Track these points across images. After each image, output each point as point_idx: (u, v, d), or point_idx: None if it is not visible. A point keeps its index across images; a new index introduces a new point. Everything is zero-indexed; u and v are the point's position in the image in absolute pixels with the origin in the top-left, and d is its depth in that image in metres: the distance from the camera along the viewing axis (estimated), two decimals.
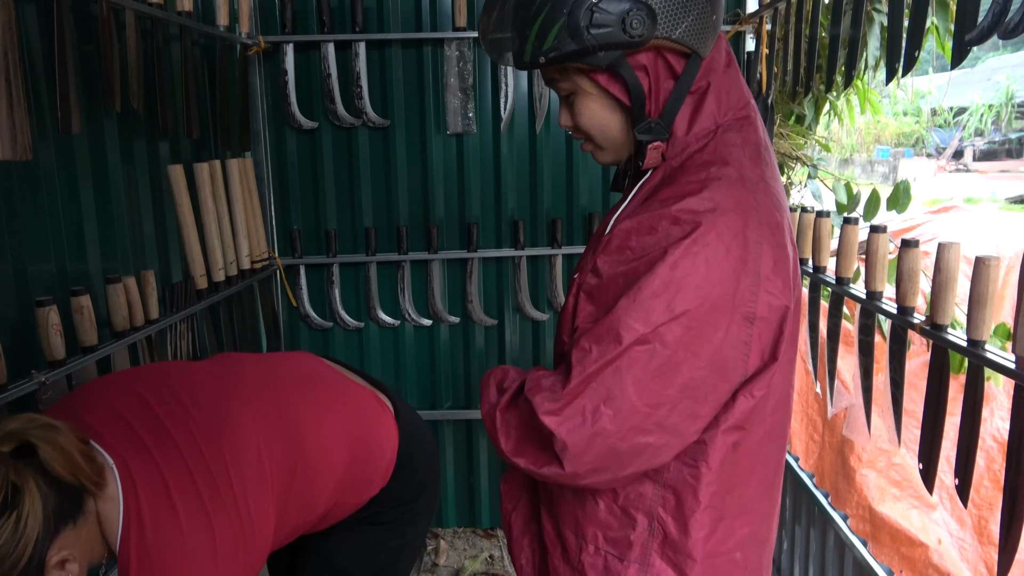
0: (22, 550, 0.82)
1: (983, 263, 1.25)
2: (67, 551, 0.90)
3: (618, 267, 0.90)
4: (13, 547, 0.81)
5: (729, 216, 0.86)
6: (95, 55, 1.69)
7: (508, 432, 0.95)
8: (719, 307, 0.86)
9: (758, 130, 0.97)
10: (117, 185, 1.82)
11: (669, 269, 0.85)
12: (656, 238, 0.88)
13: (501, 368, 1.05)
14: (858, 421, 1.78)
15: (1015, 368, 1.19)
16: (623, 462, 0.89)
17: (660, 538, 0.95)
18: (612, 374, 0.85)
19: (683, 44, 0.89)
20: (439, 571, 2.75)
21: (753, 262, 0.88)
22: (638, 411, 0.86)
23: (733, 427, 0.93)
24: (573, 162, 2.70)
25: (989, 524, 2.21)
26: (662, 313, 0.84)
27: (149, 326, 1.80)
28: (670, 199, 0.90)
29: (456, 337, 2.85)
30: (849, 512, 2.35)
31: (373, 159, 2.69)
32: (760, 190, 0.91)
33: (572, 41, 0.88)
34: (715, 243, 0.85)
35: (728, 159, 0.91)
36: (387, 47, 2.60)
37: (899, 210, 2.18)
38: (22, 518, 0.82)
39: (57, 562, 0.88)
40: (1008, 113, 19.35)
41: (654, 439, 0.88)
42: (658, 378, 0.85)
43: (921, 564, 2.17)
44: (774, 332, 0.91)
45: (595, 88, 0.95)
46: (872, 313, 1.68)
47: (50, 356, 1.45)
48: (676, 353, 0.85)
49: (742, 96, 0.97)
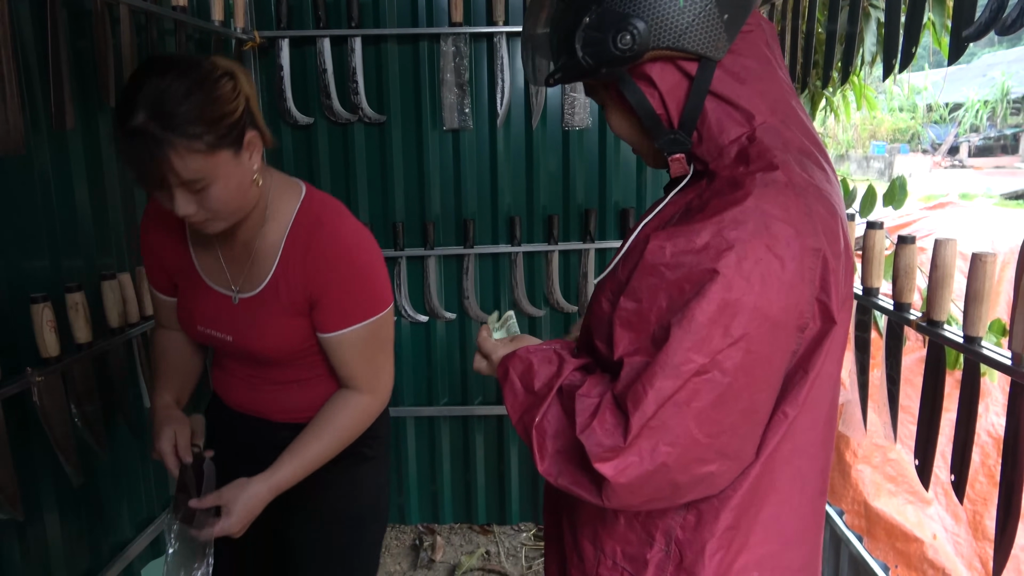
0: (236, 105, 1.08)
1: (980, 259, 1.25)
2: (256, 145, 1.14)
3: (657, 287, 0.84)
4: (233, 98, 1.08)
5: (779, 226, 0.80)
6: (89, 50, 1.68)
7: (544, 450, 0.89)
8: (779, 325, 0.81)
9: (799, 132, 0.90)
10: (111, 181, 1.81)
11: (723, 291, 0.78)
12: (699, 255, 0.81)
13: (518, 357, 0.98)
14: (854, 417, 1.78)
15: (1011, 364, 1.19)
16: (681, 492, 0.85)
17: (676, 561, 0.92)
18: (672, 411, 0.79)
19: (687, 51, 0.86)
20: (436, 567, 2.75)
21: (810, 271, 0.81)
22: (699, 443, 0.81)
23: (766, 447, 0.88)
24: (570, 158, 2.70)
25: (984, 519, 2.22)
26: (720, 340, 0.78)
27: (144, 323, 1.79)
28: (711, 210, 0.84)
29: (452, 333, 2.84)
30: (845, 508, 2.36)
31: (369, 155, 2.68)
32: (811, 195, 0.84)
33: (571, 62, 0.89)
34: (767, 257, 0.79)
35: (773, 163, 0.84)
36: (383, 42, 2.59)
37: (895, 206, 2.18)
38: (239, 87, 1.10)
39: (249, 140, 1.12)
40: (1003, 109, 19.39)
41: (715, 467, 0.83)
42: (719, 407, 0.80)
43: (916, 559, 2.18)
44: (810, 345, 0.86)
45: (612, 100, 0.95)
46: (868, 309, 1.68)
47: (44, 353, 1.44)
48: (737, 380, 0.80)
49: (781, 94, 0.91)
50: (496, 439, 2.93)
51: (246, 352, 1.29)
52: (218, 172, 1.07)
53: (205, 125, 1.03)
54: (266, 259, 1.24)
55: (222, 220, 1.15)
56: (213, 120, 1.04)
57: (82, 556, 1.75)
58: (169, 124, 1.00)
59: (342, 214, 1.27)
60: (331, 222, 1.24)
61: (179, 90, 1.01)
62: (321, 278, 1.22)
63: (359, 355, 1.28)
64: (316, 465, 1.27)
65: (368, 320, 1.26)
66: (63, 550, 1.66)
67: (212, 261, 1.29)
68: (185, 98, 1.01)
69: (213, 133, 1.04)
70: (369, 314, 1.26)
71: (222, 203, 1.11)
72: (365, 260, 1.25)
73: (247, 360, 1.33)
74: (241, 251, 1.26)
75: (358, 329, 1.25)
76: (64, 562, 1.67)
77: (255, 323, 1.26)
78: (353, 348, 1.27)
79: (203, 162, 1.04)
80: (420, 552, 2.84)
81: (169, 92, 1.01)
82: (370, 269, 1.26)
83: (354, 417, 1.30)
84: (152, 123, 0.99)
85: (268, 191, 1.23)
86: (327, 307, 1.24)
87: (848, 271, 0.89)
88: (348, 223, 1.26)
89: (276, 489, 1.23)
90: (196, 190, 1.07)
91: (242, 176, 1.12)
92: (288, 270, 1.23)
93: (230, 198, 1.11)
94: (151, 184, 1.05)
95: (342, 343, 1.26)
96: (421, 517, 3.01)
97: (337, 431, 1.28)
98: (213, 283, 1.29)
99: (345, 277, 1.22)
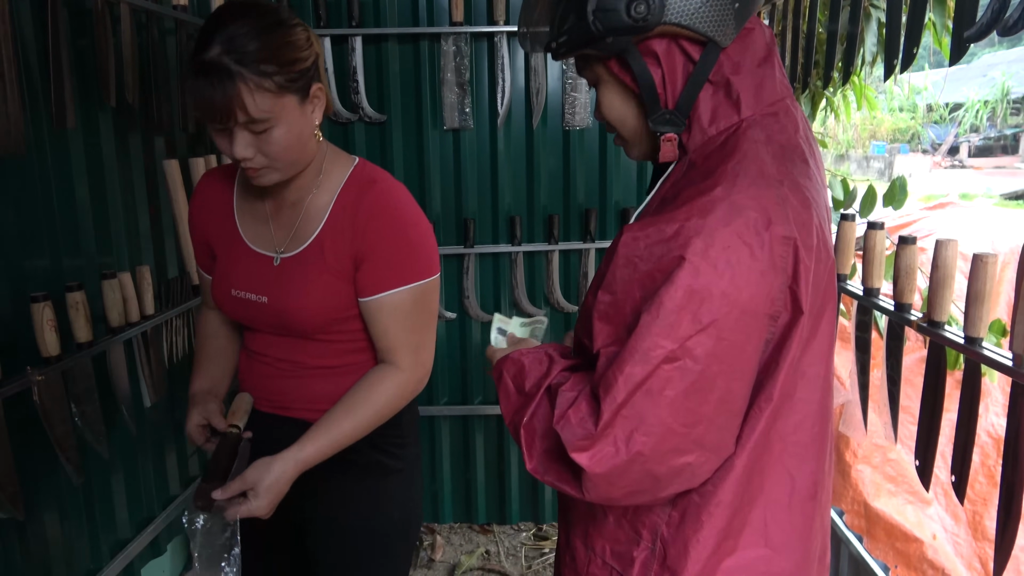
0: (307, 55, 1.13)
1: (981, 260, 1.25)
2: (320, 100, 1.17)
3: (631, 279, 0.84)
4: (306, 47, 1.12)
5: (748, 213, 0.80)
6: (90, 49, 1.68)
7: (532, 449, 0.89)
8: (749, 312, 0.81)
9: (787, 128, 0.91)
10: (112, 180, 1.81)
11: (690, 277, 0.78)
12: (669, 244, 0.81)
13: (511, 359, 0.98)
14: (854, 417, 1.78)
15: (1012, 365, 1.19)
16: (662, 484, 0.84)
17: (660, 559, 0.91)
18: (643, 398, 0.79)
19: (696, 31, 0.85)
20: (435, 566, 2.76)
21: (781, 259, 0.82)
22: (675, 433, 0.80)
23: (745, 443, 0.88)
24: (570, 158, 2.69)
25: (983, 519, 2.22)
26: (689, 326, 0.78)
27: (145, 322, 1.79)
28: (682, 200, 0.84)
29: (453, 333, 2.84)
30: (845, 508, 2.36)
31: (369, 154, 2.68)
32: (785, 186, 0.84)
33: (579, 27, 0.87)
34: (736, 244, 0.79)
35: (748, 154, 0.85)
36: (384, 42, 2.59)
37: (895, 206, 2.18)
38: (311, 38, 1.15)
39: (314, 93, 1.15)
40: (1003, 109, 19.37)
41: (693, 458, 0.83)
42: (692, 395, 0.80)
43: (916, 559, 2.18)
44: (782, 334, 0.86)
45: (610, 76, 0.92)
46: (869, 310, 1.68)
47: (45, 352, 1.44)
48: (709, 367, 0.79)
49: (775, 92, 0.91)
50: (496, 439, 2.93)
51: (279, 317, 1.24)
52: (283, 115, 1.10)
53: (276, 65, 1.07)
54: (313, 219, 1.23)
55: (277, 171, 1.16)
56: (284, 62, 1.08)
57: (82, 555, 1.75)
58: (242, 59, 1.04)
59: (396, 182, 1.28)
60: (384, 182, 1.25)
61: (255, 29, 1.06)
62: (369, 235, 1.20)
63: (401, 323, 1.24)
64: (347, 442, 1.22)
65: (413, 284, 1.23)
66: (63, 549, 1.66)
67: (257, 225, 1.28)
68: (259, 37, 1.06)
69: (283, 75, 1.08)
70: (414, 278, 1.23)
71: (281, 149, 1.12)
72: (415, 222, 1.24)
73: (278, 333, 1.28)
74: (289, 212, 1.25)
75: (402, 292, 1.22)
76: (64, 561, 1.67)
77: (293, 282, 1.23)
78: (395, 314, 1.23)
79: (270, 102, 1.07)
80: (420, 551, 2.84)
81: (245, 30, 1.05)
82: (420, 232, 1.25)
83: (390, 393, 1.25)
84: (226, 56, 1.03)
85: (323, 156, 1.25)
86: (372, 266, 1.21)
87: (824, 267, 0.89)
88: (402, 189, 1.27)
89: (304, 465, 1.18)
90: (258, 131, 1.09)
91: (304, 126, 1.15)
92: (336, 228, 1.22)
93: (290, 145, 1.13)
94: (218, 119, 1.07)
95: (384, 307, 1.22)
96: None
97: (371, 407, 1.23)
98: (256, 246, 1.27)
99: (393, 235, 1.21)
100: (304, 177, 1.24)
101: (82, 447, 1.58)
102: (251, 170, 1.15)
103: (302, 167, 1.21)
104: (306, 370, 1.29)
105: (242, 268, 1.27)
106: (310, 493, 1.28)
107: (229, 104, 1.05)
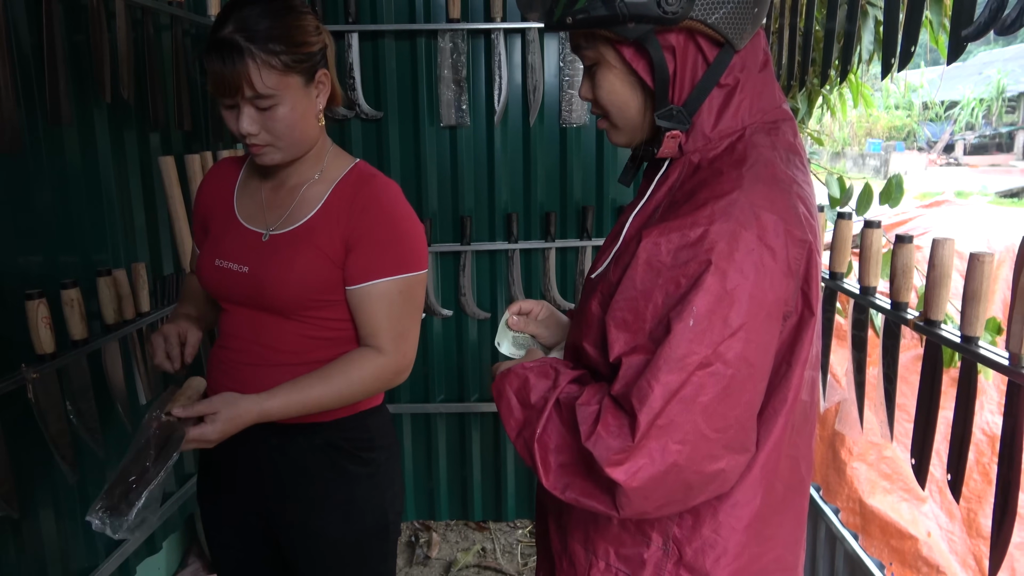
0: (315, 40, 1.21)
1: (978, 260, 1.25)
2: (325, 86, 1.24)
3: (653, 284, 0.83)
4: (313, 32, 1.21)
5: (767, 216, 0.81)
6: (85, 45, 1.67)
7: (547, 465, 0.87)
8: (772, 314, 0.82)
9: (787, 132, 0.92)
10: (107, 177, 1.80)
11: (719, 281, 0.79)
12: (695, 248, 0.81)
13: (515, 373, 0.95)
14: (850, 415, 1.79)
15: (1008, 364, 1.19)
16: (693, 493, 0.83)
17: (675, 558, 0.90)
18: (679, 407, 0.78)
19: (718, 31, 0.84)
20: (431, 564, 2.76)
21: (796, 262, 0.83)
22: (708, 439, 0.80)
23: (763, 445, 0.88)
24: (567, 155, 2.69)
25: (978, 517, 2.22)
26: (720, 330, 0.79)
27: (140, 319, 1.78)
28: (699, 201, 0.84)
29: (449, 330, 2.84)
30: (840, 505, 2.37)
31: (366, 151, 2.67)
32: (794, 192, 0.86)
33: (603, 6, 0.83)
34: (759, 248, 0.80)
35: (760, 159, 0.86)
36: (380, 38, 2.59)
37: (892, 204, 2.17)
38: (320, 28, 1.24)
39: (319, 79, 1.23)
40: (999, 107, 19.43)
41: (725, 463, 0.82)
42: (725, 400, 0.80)
43: (911, 556, 2.18)
44: (791, 334, 0.86)
45: (619, 62, 0.89)
46: (865, 308, 1.69)
47: (39, 349, 1.44)
48: (739, 370, 0.80)
49: (774, 100, 0.92)
50: (492, 436, 2.94)
51: (257, 288, 1.24)
52: (287, 94, 1.17)
53: (284, 45, 1.15)
54: (308, 204, 1.27)
55: (279, 151, 1.22)
56: (292, 43, 1.16)
57: (78, 553, 1.74)
58: (252, 37, 1.13)
59: (393, 182, 1.32)
60: (383, 180, 1.30)
61: (267, 11, 1.16)
62: (364, 222, 1.24)
63: (386, 312, 1.25)
64: (314, 408, 1.22)
65: (400, 275, 1.25)
66: (59, 547, 1.66)
67: (253, 204, 1.31)
68: (270, 18, 1.15)
69: (289, 55, 1.16)
70: (403, 269, 1.25)
71: (285, 127, 1.19)
72: (408, 218, 1.28)
73: (252, 306, 1.27)
74: (286, 195, 1.29)
75: (390, 282, 1.24)
76: (60, 559, 1.66)
77: (277, 256, 1.24)
78: (382, 302, 1.24)
79: (276, 79, 1.15)
80: (416, 549, 2.84)
81: (257, 11, 1.15)
82: (411, 227, 1.28)
83: (367, 372, 1.25)
84: (238, 34, 1.13)
85: (326, 151, 1.31)
86: (362, 253, 1.23)
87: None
88: (398, 188, 1.31)
89: (265, 415, 1.18)
90: (264, 107, 1.16)
91: (307, 107, 1.22)
92: (330, 214, 1.25)
93: (294, 124, 1.20)
94: (227, 92, 1.15)
95: (371, 295, 1.24)
96: (417, 514, 3.01)
97: (346, 379, 1.23)
98: (248, 223, 1.29)
99: (387, 225, 1.25)
100: (305, 163, 1.29)
101: (77, 444, 1.57)
102: (255, 147, 1.21)
103: (304, 150, 1.25)
104: (274, 359, 1.27)
105: (230, 240, 1.29)
106: (279, 497, 1.31)
107: (237, 78, 1.13)
